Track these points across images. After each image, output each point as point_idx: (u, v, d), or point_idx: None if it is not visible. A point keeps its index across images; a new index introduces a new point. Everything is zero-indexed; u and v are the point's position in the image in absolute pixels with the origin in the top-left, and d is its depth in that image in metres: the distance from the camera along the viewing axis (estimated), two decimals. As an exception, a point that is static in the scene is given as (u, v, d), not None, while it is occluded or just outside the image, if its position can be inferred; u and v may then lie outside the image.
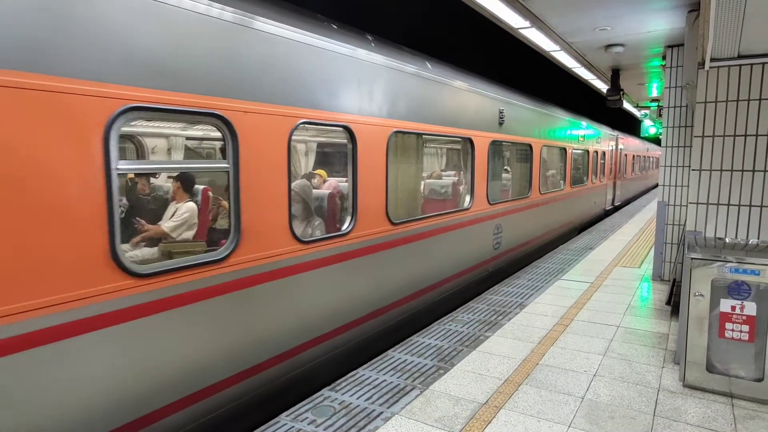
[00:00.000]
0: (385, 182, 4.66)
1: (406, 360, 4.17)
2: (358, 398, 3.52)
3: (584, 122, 12.06)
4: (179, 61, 2.80)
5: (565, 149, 10.27)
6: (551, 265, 7.78)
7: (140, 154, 6.51)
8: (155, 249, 4.18)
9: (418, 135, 5.50)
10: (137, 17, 2.59)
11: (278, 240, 3.56)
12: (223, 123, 3.12)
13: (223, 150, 3.26)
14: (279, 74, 3.50)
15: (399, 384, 3.73)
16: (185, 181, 4.61)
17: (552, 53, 7.55)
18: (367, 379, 3.82)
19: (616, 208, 16.65)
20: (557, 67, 8.96)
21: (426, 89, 5.30)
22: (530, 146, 8.31)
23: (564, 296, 6.03)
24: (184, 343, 2.95)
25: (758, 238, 4.04)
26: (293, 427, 3.16)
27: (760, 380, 3.44)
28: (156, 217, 4.62)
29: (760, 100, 3.94)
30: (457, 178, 7.28)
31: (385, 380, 3.79)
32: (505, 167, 8.65)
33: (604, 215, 15.06)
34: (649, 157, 25.86)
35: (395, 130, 4.75)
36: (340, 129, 4.19)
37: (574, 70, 9.00)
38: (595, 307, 5.61)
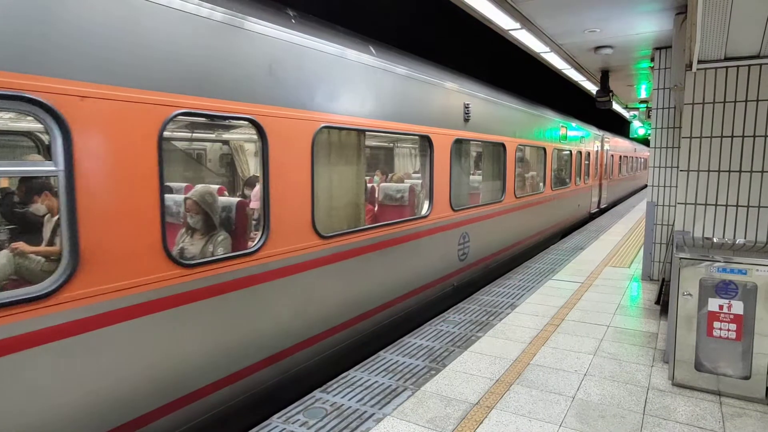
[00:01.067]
0: (311, 188, 3.88)
1: (397, 361, 4.17)
2: (349, 400, 3.51)
3: (567, 121, 11.41)
4: None
5: (544, 149, 9.62)
6: (542, 265, 7.82)
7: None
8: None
9: (360, 132, 4.63)
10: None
11: (141, 266, 2.74)
12: (47, 112, 2.34)
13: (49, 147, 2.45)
14: (129, 48, 2.65)
15: (391, 385, 3.73)
16: None
17: (542, 54, 7.60)
18: (358, 380, 3.82)
19: (602, 211, 16.13)
20: (548, 70, 9.02)
21: (369, 77, 4.51)
22: (503, 146, 7.58)
23: (555, 296, 6.06)
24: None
25: (745, 238, 4.09)
26: (285, 429, 3.14)
27: (747, 378, 3.48)
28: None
29: (746, 101, 3.99)
30: (419, 182, 6.44)
31: (376, 381, 3.79)
32: (475, 169, 8.08)
33: (590, 218, 14.44)
34: (636, 157, 25.33)
35: (324, 125, 3.96)
36: (246, 123, 3.45)
37: (564, 71, 9.06)
38: (585, 306, 5.65)
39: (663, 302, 5.48)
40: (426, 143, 5.56)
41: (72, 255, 2.43)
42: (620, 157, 19.91)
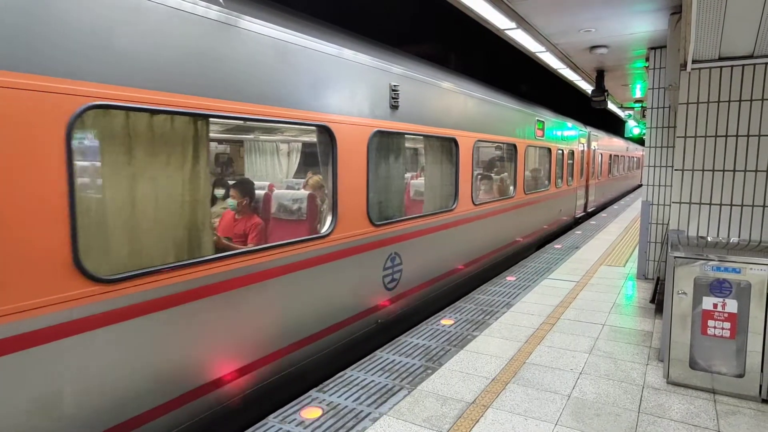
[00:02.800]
0: (66, 202, 2.41)
1: (394, 360, 4.17)
2: (346, 399, 3.51)
3: (545, 115, 9.90)
4: None
5: (515, 146, 8.25)
6: (538, 264, 7.84)
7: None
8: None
9: (199, 117, 3.09)
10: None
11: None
12: None
13: None
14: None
15: (387, 384, 3.73)
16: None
17: (538, 54, 7.62)
18: (355, 379, 3.82)
19: (589, 215, 14.91)
20: (544, 70, 9.05)
21: (212, 40, 3.07)
22: (455, 141, 6.15)
23: (551, 295, 6.08)
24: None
25: (739, 237, 4.12)
26: (281, 428, 3.14)
27: (741, 376, 3.51)
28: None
29: (740, 101, 4.02)
30: (323, 188, 4.94)
31: (373, 380, 3.79)
32: (416, 171, 6.98)
33: (574, 223, 13.13)
34: (628, 157, 23.96)
35: (91, 104, 2.47)
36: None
37: (559, 71, 9.10)
38: (581, 305, 5.67)
39: (658, 301, 5.51)
40: (326, 137, 4.11)
41: None
42: (610, 156, 18.71)
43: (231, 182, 5.70)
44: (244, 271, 3.37)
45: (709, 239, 4.17)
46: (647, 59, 7.32)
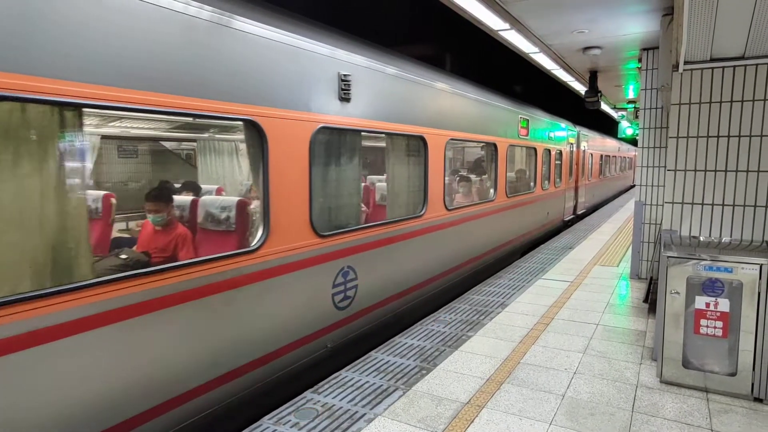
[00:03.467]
0: None
1: (388, 361, 4.17)
2: (341, 400, 3.51)
3: (530, 113, 9.32)
4: None
5: (495, 146, 7.62)
6: (532, 264, 7.86)
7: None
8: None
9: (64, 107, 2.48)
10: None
11: None
12: None
13: None
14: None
15: (382, 385, 3.73)
16: None
17: (531, 55, 7.65)
18: (349, 380, 3.81)
19: (579, 217, 14.32)
20: (537, 72, 9.09)
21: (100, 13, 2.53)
22: (423, 140, 5.56)
23: (545, 295, 6.10)
24: None
25: (731, 237, 4.15)
26: (276, 430, 3.13)
27: (733, 375, 3.53)
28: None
29: (731, 102, 4.05)
30: (252, 195, 4.52)
31: (367, 381, 3.79)
32: (374, 173, 6.57)
33: (564, 227, 12.58)
34: (621, 157, 23.31)
35: None
36: None
37: (553, 71, 9.13)
38: (575, 305, 5.69)
39: (651, 300, 5.54)
40: (253, 132, 3.52)
41: None
42: (602, 156, 18.11)
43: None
44: (128, 300, 2.72)
45: (701, 239, 4.20)
46: (640, 60, 7.37)
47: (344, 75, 4.24)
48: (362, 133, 4.85)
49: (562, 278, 6.95)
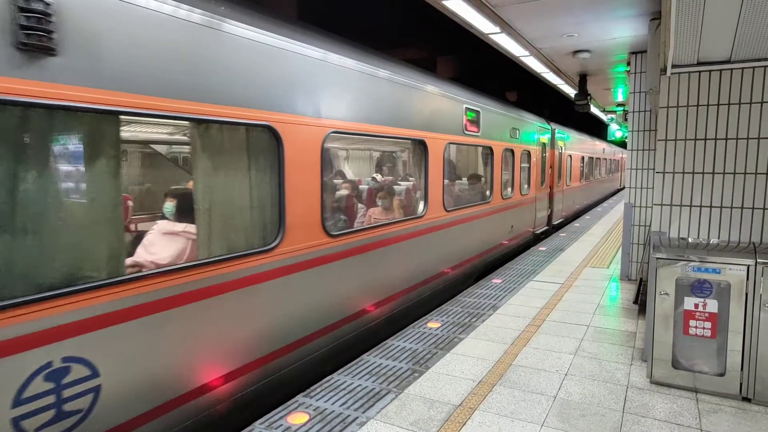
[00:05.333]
0: None
1: (381, 364, 4.16)
2: (333, 404, 3.49)
3: (480, 102, 7.41)
4: None
5: (424, 144, 5.77)
6: (523, 266, 7.90)
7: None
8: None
9: None
10: None
11: None
12: None
13: None
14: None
15: (374, 388, 3.72)
16: None
17: (522, 58, 7.71)
18: (341, 384, 3.80)
19: (556, 228, 12.54)
20: (527, 75, 9.15)
21: None
22: (274, 133, 3.68)
23: (536, 297, 6.13)
24: None
25: (719, 238, 4.20)
26: (267, 435, 3.11)
27: (722, 375, 3.57)
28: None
29: (718, 105, 4.10)
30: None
31: (360, 385, 3.78)
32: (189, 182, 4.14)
33: (535, 240, 10.85)
34: (603, 159, 21.27)
35: None
36: None
37: (543, 75, 9.20)
38: (566, 307, 5.72)
39: (641, 302, 5.58)
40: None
41: None
42: (583, 158, 16.20)
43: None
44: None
45: (690, 240, 4.24)
46: (629, 64, 7.45)
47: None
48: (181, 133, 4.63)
49: (553, 280, 6.99)
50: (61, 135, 2.66)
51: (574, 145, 14.78)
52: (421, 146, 5.86)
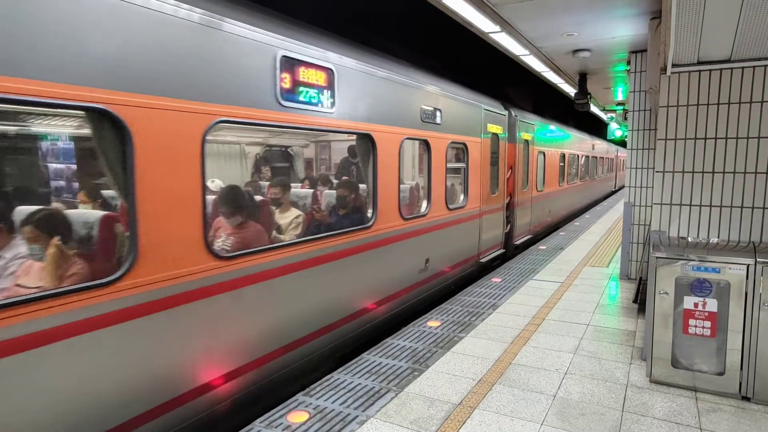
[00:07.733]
0: None
1: (380, 363, 4.17)
2: (333, 402, 3.50)
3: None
4: None
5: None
6: (523, 265, 7.90)
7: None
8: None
9: None
10: None
11: None
12: None
13: None
14: None
15: (374, 387, 3.73)
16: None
17: (522, 57, 7.70)
18: (341, 382, 3.81)
19: (520, 248, 9.74)
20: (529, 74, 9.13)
21: None
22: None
23: (536, 296, 6.13)
24: None
25: (718, 237, 4.20)
26: (267, 433, 3.12)
27: (721, 374, 3.57)
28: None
29: (718, 104, 4.10)
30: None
31: (359, 383, 3.78)
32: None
33: (481, 271, 7.87)
34: (594, 157, 18.22)
35: None
36: None
37: (543, 74, 9.20)
38: (565, 306, 5.73)
39: (640, 301, 5.58)
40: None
41: None
42: (564, 156, 13.28)
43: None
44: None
45: (689, 240, 4.24)
46: (629, 63, 7.44)
47: None
48: None
49: (552, 279, 6.99)
50: None
51: (550, 139, 11.89)
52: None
